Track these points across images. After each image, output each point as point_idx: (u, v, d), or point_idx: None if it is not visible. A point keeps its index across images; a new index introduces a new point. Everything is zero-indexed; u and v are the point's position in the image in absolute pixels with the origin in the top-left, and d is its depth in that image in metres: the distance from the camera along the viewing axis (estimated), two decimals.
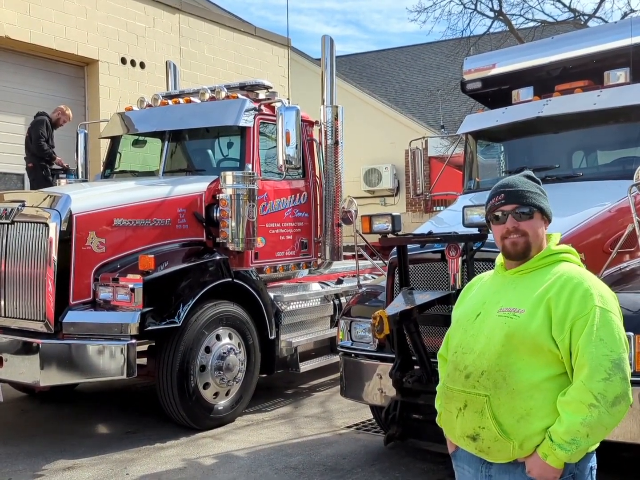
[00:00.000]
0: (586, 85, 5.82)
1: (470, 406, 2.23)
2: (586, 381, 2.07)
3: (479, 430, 2.20)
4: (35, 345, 5.18)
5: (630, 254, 4.71)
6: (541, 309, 2.17)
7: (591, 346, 2.09)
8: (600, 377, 2.06)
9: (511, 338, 2.19)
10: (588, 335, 2.10)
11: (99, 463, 5.02)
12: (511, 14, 16.97)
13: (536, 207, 2.31)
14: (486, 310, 2.31)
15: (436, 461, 4.82)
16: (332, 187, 7.05)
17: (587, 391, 2.06)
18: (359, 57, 25.72)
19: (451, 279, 4.27)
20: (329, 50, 7.04)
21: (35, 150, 8.70)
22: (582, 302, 2.13)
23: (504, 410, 2.17)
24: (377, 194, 18.22)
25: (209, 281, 5.88)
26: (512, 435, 2.15)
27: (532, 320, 2.17)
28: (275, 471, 4.81)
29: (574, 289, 2.16)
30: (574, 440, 2.06)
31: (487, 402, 2.18)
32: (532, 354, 2.16)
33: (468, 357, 2.27)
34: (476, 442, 2.22)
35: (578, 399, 2.08)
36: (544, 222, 2.35)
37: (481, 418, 2.19)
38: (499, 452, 2.18)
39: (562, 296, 2.16)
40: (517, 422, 2.15)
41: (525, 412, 2.14)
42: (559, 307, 2.15)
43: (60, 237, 5.32)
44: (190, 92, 7.35)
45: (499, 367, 2.19)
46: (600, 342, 2.09)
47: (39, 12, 10.72)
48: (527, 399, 2.15)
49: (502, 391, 2.17)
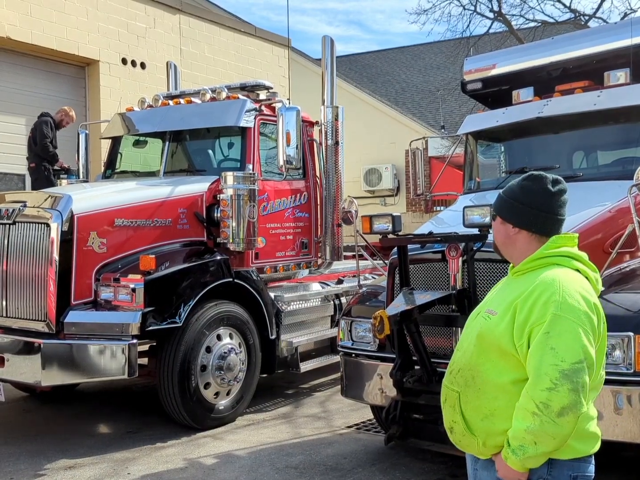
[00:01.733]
0: (586, 85, 5.82)
1: (447, 400, 2.33)
2: (529, 389, 2.07)
3: (452, 424, 2.31)
4: (37, 345, 5.19)
5: (630, 254, 4.71)
6: (509, 313, 2.18)
7: (539, 354, 2.07)
8: (544, 386, 2.03)
9: (481, 339, 2.24)
10: (539, 342, 2.08)
11: (100, 462, 5.04)
12: (511, 15, 17.00)
13: (495, 210, 2.39)
14: (481, 310, 2.37)
15: (436, 461, 4.84)
16: (332, 187, 7.06)
17: (530, 399, 2.06)
18: (359, 57, 25.72)
19: (451, 279, 4.29)
20: (329, 50, 7.05)
21: (40, 151, 8.71)
22: (543, 309, 2.10)
23: (470, 407, 2.24)
24: (377, 194, 18.23)
25: (210, 281, 5.89)
26: (476, 432, 2.22)
27: (500, 324, 2.19)
28: (276, 471, 4.82)
29: (539, 295, 2.13)
30: (522, 446, 2.07)
31: (458, 398, 2.27)
32: (499, 357, 2.19)
33: (457, 355, 2.36)
34: (452, 434, 2.33)
35: (524, 406, 2.08)
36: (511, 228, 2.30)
37: (453, 412, 2.29)
38: (467, 446, 2.28)
39: (527, 302, 2.15)
40: (481, 421, 2.21)
41: (489, 412, 2.19)
42: (522, 313, 2.14)
43: (61, 237, 5.33)
44: (191, 93, 7.36)
45: (470, 366, 2.25)
46: (551, 351, 2.05)
47: (39, 13, 10.73)
48: (492, 399, 2.18)
49: (470, 389, 2.24)
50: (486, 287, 4.24)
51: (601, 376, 2.27)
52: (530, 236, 2.30)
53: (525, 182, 2.33)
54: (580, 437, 2.14)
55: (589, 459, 2.19)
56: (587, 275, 2.28)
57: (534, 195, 2.29)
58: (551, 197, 2.29)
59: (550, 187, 2.29)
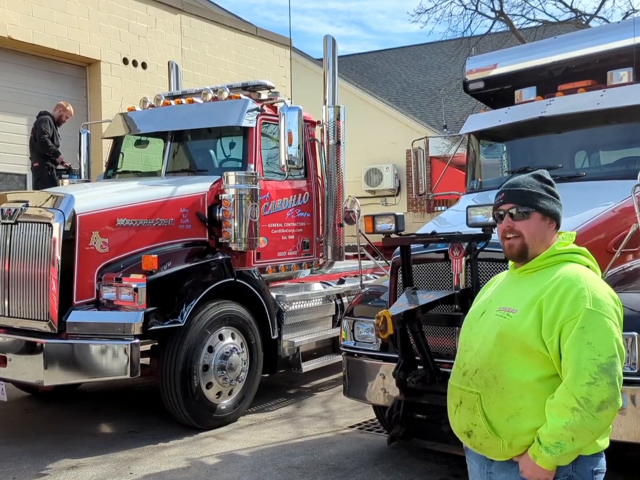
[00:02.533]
0: (589, 85, 5.81)
1: (464, 403, 2.27)
2: (569, 385, 2.07)
3: (471, 427, 2.24)
4: (39, 345, 5.19)
5: (633, 254, 4.71)
6: (533, 310, 2.17)
7: (576, 349, 2.07)
8: (585, 381, 2.04)
9: (502, 338, 2.20)
10: (575, 338, 2.08)
11: (103, 462, 5.03)
12: (512, 14, 16.97)
13: (533, 207, 2.28)
14: (489, 309, 2.33)
15: (439, 461, 4.83)
16: (334, 187, 7.06)
17: (570, 395, 2.06)
18: (361, 57, 25.70)
19: (455, 279, 4.28)
20: (331, 50, 7.05)
21: (40, 148, 8.71)
22: (573, 305, 2.11)
23: (493, 408, 2.19)
24: (378, 194, 18.21)
25: (212, 281, 5.89)
26: (501, 434, 2.17)
27: (523, 321, 2.17)
28: (279, 471, 4.81)
29: (567, 290, 2.14)
30: (559, 443, 2.06)
31: (478, 400, 2.22)
32: (523, 355, 2.17)
33: (467, 355, 2.31)
34: (470, 438, 2.26)
35: (562, 403, 2.07)
36: (547, 224, 2.31)
37: (473, 415, 2.23)
38: (490, 449, 2.22)
39: (554, 298, 2.14)
40: (506, 421, 2.17)
41: (514, 411, 2.16)
42: (549, 309, 2.14)
43: (63, 237, 5.33)
44: (193, 93, 7.36)
45: (490, 366, 2.21)
46: (587, 346, 2.06)
47: (41, 13, 10.73)
48: (517, 398, 2.16)
49: (492, 390, 2.20)
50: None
51: None
52: (556, 230, 2.35)
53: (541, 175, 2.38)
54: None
55: (602, 453, 2.22)
56: (595, 271, 2.31)
57: (555, 189, 2.37)
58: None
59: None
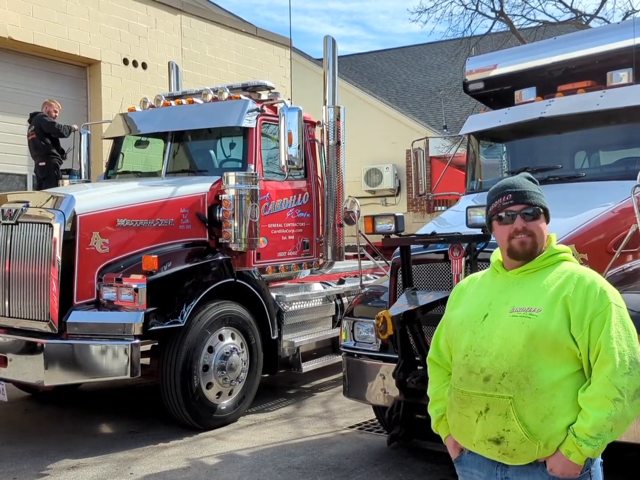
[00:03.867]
0: (589, 85, 5.81)
1: (492, 409, 2.20)
2: (611, 376, 2.11)
3: (503, 433, 2.17)
4: (40, 345, 5.20)
5: (633, 255, 4.71)
6: (558, 307, 2.20)
7: (613, 342, 2.14)
8: (623, 371, 2.12)
9: (532, 338, 2.18)
10: (608, 332, 2.15)
11: (103, 462, 5.04)
12: (512, 15, 16.97)
13: (542, 207, 2.35)
14: (494, 311, 2.29)
15: (439, 461, 4.83)
16: (334, 188, 7.07)
17: (613, 386, 2.11)
18: (360, 57, 25.70)
19: (454, 279, 4.28)
20: (331, 50, 7.05)
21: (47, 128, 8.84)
22: (599, 300, 2.19)
23: (528, 410, 2.16)
24: (378, 194, 18.22)
25: (212, 281, 5.89)
26: (537, 436, 2.15)
27: (551, 319, 2.19)
28: (279, 471, 4.82)
29: (589, 287, 2.21)
30: (600, 435, 2.10)
31: (512, 404, 2.17)
32: (551, 353, 2.18)
33: (483, 360, 2.24)
34: (500, 445, 2.19)
35: (603, 395, 2.11)
36: (546, 223, 2.39)
37: (506, 420, 2.17)
38: (524, 453, 2.17)
39: (578, 294, 2.20)
40: (541, 422, 2.15)
41: (548, 411, 2.15)
42: (576, 305, 2.19)
43: (64, 237, 5.34)
44: (193, 93, 7.36)
45: (521, 368, 2.18)
46: (620, 339, 2.15)
47: (41, 14, 10.75)
48: (550, 397, 2.16)
49: (526, 392, 2.17)
50: None
51: None
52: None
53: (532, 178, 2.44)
54: None
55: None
56: None
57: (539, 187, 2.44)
58: None
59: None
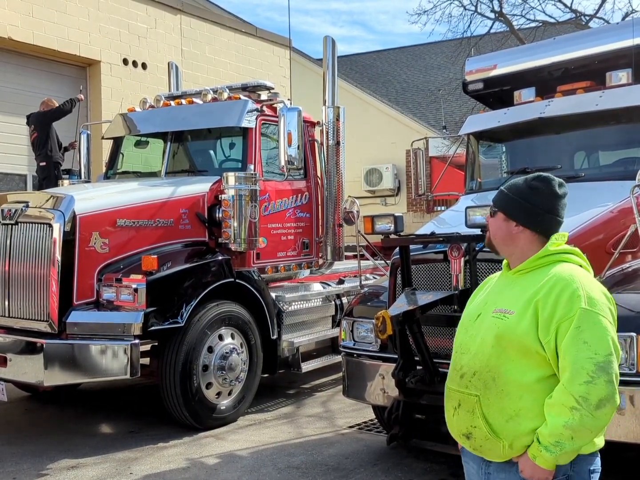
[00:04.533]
0: (588, 86, 5.82)
1: (463, 405, 2.28)
2: (567, 384, 2.08)
3: (471, 429, 2.26)
4: (39, 345, 5.20)
5: (632, 255, 4.71)
6: (529, 310, 2.18)
7: (574, 349, 2.09)
8: (582, 380, 2.06)
9: (500, 339, 2.22)
10: (571, 337, 2.10)
11: (103, 462, 5.05)
12: (512, 15, 16.97)
13: (497, 206, 2.38)
14: (485, 311, 2.34)
15: (438, 461, 4.84)
16: (333, 188, 7.07)
17: (569, 394, 2.07)
18: (360, 57, 25.71)
19: (454, 279, 4.29)
20: (330, 50, 7.06)
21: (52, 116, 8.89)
22: (569, 304, 2.13)
23: (493, 410, 2.20)
24: (377, 194, 18.24)
25: (212, 281, 5.90)
26: (501, 435, 2.19)
27: (520, 322, 2.19)
28: (278, 471, 4.83)
29: (561, 290, 2.16)
30: (558, 442, 2.07)
31: (478, 402, 2.23)
32: (521, 356, 2.18)
33: (464, 357, 2.32)
34: (470, 440, 2.28)
35: (560, 402, 2.09)
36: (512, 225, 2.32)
37: (472, 417, 2.24)
38: (490, 450, 2.23)
39: (549, 298, 2.16)
40: (506, 422, 2.18)
41: (514, 412, 2.17)
42: (545, 309, 2.15)
43: (63, 237, 5.34)
44: (193, 93, 7.37)
45: (489, 368, 2.23)
46: (584, 345, 2.08)
47: (41, 14, 10.74)
48: (516, 399, 2.17)
49: (492, 392, 2.21)
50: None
51: None
52: (534, 235, 2.33)
53: (535, 183, 2.35)
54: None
55: (598, 452, 2.23)
56: (588, 270, 2.33)
57: (542, 197, 2.32)
58: (558, 199, 2.34)
59: (557, 189, 2.34)
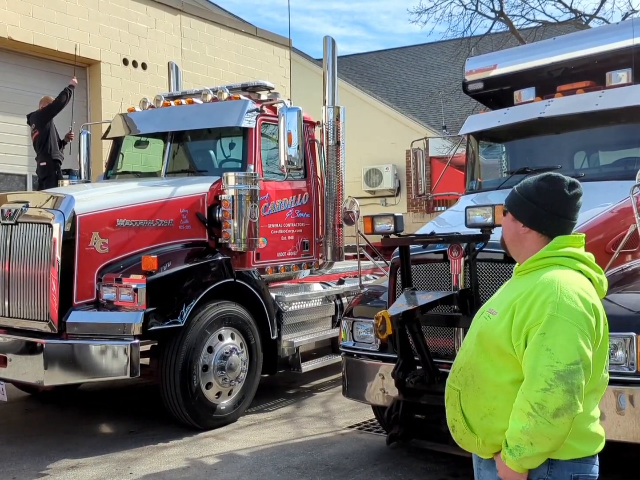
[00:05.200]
0: (588, 86, 5.82)
1: (449, 399, 2.34)
2: (525, 390, 2.07)
3: (454, 422, 2.32)
4: (39, 345, 5.21)
5: (632, 254, 4.71)
6: (508, 313, 2.18)
7: (534, 355, 2.06)
8: (539, 387, 2.03)
9: (481, 338, 2.25)
10: (534, 343, 2.07)
11: (103, 462, 5.05)
12: (512, 15, 16.97)
13: (507, 206, 2.36)
14: (484, 309, 2.37)
15: (438, 461, 4.84)
16: (333, 188, 7.07)
17: (525, 400, 2.06)
18: (360, 58, 25.72)
19: (453, 279, 4.29)
20: (330, 51, 7.06)
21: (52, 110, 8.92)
22: (540, 310, 2.09)
23: (470, 406, 2.25)
24: (377, 194, 18.24)
25: (212, 281, 5.90)
26: (476, 431, 2.23)
27: (499, 323, 2.19)
28: (278, 471, 4.83)
29: (537, 295, 2.12)
30: (518, 446, 2.07)
31: (459, 397, 2.28)
32: (498, 356, 2.19)
33: (460, 353, 2.38)
34: (454, 432, 2.33)
35: (519, 407, 2.08)
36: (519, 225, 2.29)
37: (455, 411, 2.30)
38: (468, 444, 2.29)
39: (526, 302, 2.14)
40: (480, 420, 2.22)
41: (488, 411, 2.19)
42: (520, 313, 2.14)
43: (63, 237, 5.34)
44: (193, 93, 7.37)
45: (470, 366, 2.27)
46: (546, 352, 2.04)
47: (41, 14, 10.74)
48: (491, 399, 2.19)
49: (470, 388, 2.25)
50: (488, 287, 4.25)
51: (604, 378, 2.26)
52: (540, 237, 2.28)
53: (541, 183, 2.29)
54: (581, 438, 2.13)
55: (591, 459, 2.17)
56: (590, 277, 2.25)
57: (549, 197, 2.26)
58: (567, 200, 2.28)
59: (566, 190, 2.27)
